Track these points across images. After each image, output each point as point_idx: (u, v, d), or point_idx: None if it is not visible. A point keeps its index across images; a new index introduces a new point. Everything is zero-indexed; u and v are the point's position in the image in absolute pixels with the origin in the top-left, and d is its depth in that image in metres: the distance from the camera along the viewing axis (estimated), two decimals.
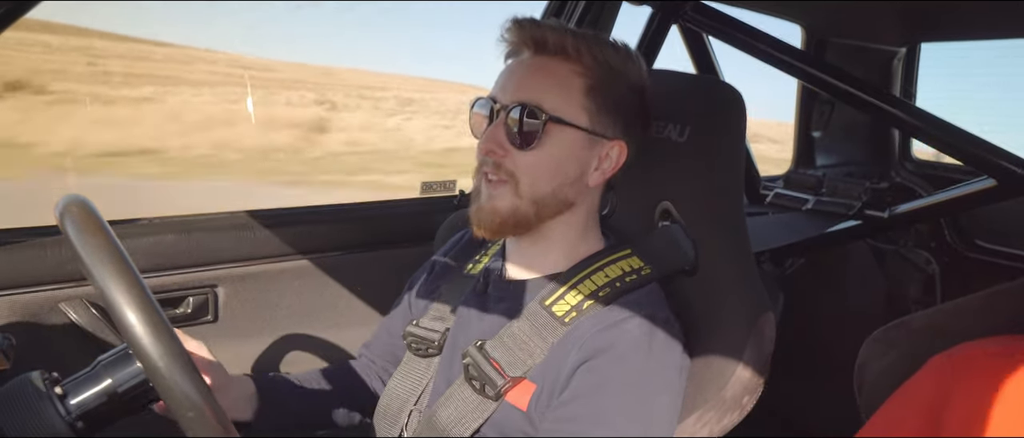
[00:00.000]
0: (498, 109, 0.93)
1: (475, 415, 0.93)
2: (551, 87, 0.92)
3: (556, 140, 0.91)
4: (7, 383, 0.72)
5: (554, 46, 0.92)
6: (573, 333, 0.90)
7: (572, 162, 0.93)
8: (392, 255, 1.63)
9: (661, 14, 1.74)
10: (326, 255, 1.55)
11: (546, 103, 0.90)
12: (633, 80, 0.96)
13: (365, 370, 1.19)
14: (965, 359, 0.75)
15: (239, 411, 1.02)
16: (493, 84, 0.97)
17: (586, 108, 0.92)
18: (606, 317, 0.90)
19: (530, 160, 0.92)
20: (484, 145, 0.93)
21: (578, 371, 0.87)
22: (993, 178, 1.51)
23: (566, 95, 0.92)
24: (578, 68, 0.92)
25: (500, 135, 0.92)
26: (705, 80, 1.69)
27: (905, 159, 2.61)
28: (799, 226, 1.98)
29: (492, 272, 1.04)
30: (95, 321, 1.26)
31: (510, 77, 0.95)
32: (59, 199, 0.71)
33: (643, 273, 0.96)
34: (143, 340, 0.61)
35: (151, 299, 0.63)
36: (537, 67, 0.93)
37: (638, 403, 0.86)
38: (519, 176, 0.92)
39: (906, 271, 2.31)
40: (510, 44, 0.96)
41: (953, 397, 0.72)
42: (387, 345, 1.19)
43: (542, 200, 0.93)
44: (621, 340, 0.87)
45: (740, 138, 1.05)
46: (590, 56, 0.92)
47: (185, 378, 0.62)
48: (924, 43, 2.47)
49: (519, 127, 0.90)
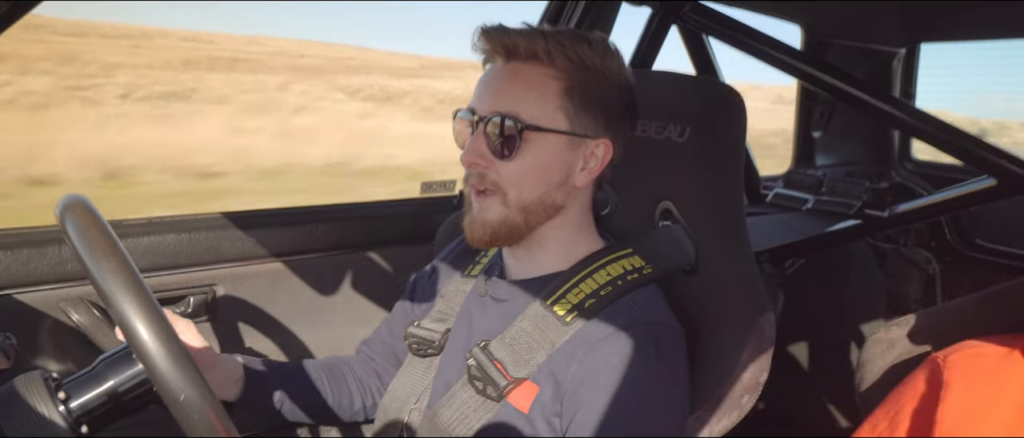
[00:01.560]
0: (477, 120, 0.92)
1: (476, 416, 0.93)
2: (526, 94, 0.90)
3: (537, 147, 0.91)
4: (7, 383, 0.72)
5: (526, 51, 0.91)
6: (576, 337, 0.90)
7: (556, 166, 0.93)
8: (392, 255, 1.63)
9: (661, 14, 1.74)
10: (326, 255, 1.55)
11: (522, 111, 0.90)
12: (612, 76, 0.94)
13: (362, 366, 1.19)
14: (960, 358, 0.75)
15: (225, 391, 1.02)
16: (473, 94, 0.97)
17: (564, 110, 0.91)
18: (608, 323, 0.90)
19: (513, 169, 0.91)
20: (466, 157, 0.93)
21: (585, 385, 0.87)
22: (993, 178, 1.51)
23: (542, 100, 0.91)
24: (552, 71, 0.91)
25: (481, 146, 0.91)
26: (705, 81, 1.68)
27: (905, 159, 2.61)
28: (799, 226, 1.98)
29: (492, 273, 1.05)
30: (95, 321, 1.26)
31: (486, 87, 0.94)
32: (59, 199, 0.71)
33: (644, 272, 0.96)
34: (144, 340, 0.61)
35: (151, 299, 0.63)
36: (511, 75, 0.92)
37: (650, 413, 0.86)
38: (504, 186, 0.92)
39: (906, 271, 2.31)
40: (483, 52, 0.95)
41: (947, 395, 0.72)
42: (386, 344, 1.19)
43: (530, 207, 0.93)
44: (626, 350, 0.87)
45: (740, 138, 1.05)
46: (563, 57, 0.91)
47: (186, 378, 0.62)
48: (924, 43, 2.47)
49: (498, 138, 0.90)
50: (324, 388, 1.12)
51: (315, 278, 1.53)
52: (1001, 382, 0.71)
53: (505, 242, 0.97)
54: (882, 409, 0.79)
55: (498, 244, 0.98)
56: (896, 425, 0.75)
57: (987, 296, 0.90)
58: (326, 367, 1.15)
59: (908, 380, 0.79)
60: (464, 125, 0.95)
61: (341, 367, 1.17)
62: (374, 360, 1.20)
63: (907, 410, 0.75)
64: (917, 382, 0.77)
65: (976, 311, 0.90)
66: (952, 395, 0.71)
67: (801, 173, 2.27)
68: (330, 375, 1.14)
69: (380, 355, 1.20)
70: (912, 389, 0.77)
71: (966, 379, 0.72)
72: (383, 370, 1.18)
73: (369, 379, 1.18)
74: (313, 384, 1.12)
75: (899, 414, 0.76)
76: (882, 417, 0.78)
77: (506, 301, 0.99)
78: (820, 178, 2.16)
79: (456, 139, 0.97)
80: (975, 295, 0.92)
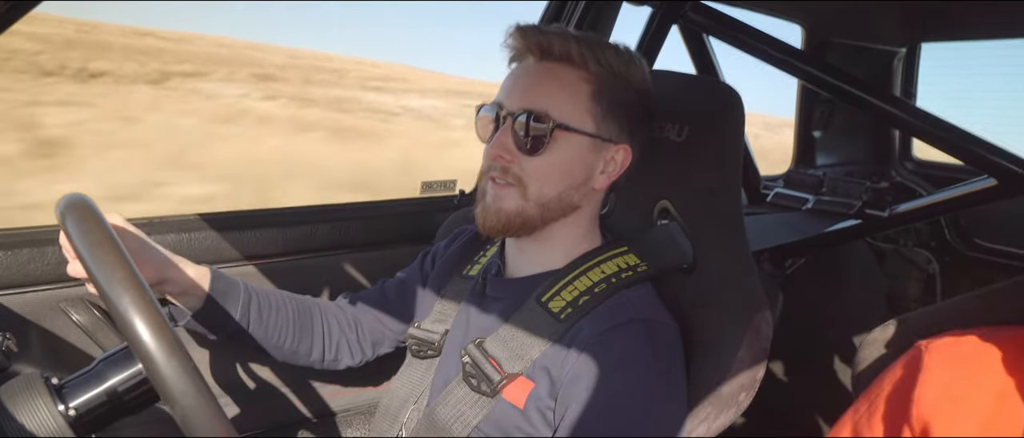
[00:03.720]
0: (504, 115, 0.94)
1: (473, 412, 0.93)
2: (557, 93, 0.92)
3: (563, 146, 0.93)
4: (7, 383, 0.72)
5: (560, 52, 0.93)
6: (570, 334, 0.91)
7: (578, 167, 0.95)
8: (392, 255, 1.63)
9: (661, 14, 1.74)
10: (326, 255, 1.56)
11: (553, 109, 0.91)
12: (637, 84, 0.97)
13: (334, 315, 1.16)
14: (941, 344, 0.76)
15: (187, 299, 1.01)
16: (499, 89, 0.98)
17: (592, 113, 0.93)
18: (603, 320, 0.90)
19: (537, 165, 0.93)
20: (492, 151, 0.94)
21: (580, 381, 0.87)
22: (993, 177, 1.51)
23: (573, 101, 0.93)
24: (583, 74, 0.93)
25: (508, 141, 0.93)
26: (703, 80, 1.69)
27: (905, 159, 2.61)
28: (799, 225, 1.98)
29: (490, 272, 1.05)
30: (95, 321, 1.26)
31: (516, 83, 0.95)
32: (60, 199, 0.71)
33: (639, 270, 0.97)
34: (143, 339, 0.61)
35: (152, 299, 0.63)
36: (543, 73, 0.94)
37: (644, 408, 0.86)
38: (527, 181, 0.93)
39: (906, 271, 2.31)
40: (514, 50, 0.97)
41: (924, 378, 0.72)
42: (372, 326, 1.17)
43: (548, 204, 0.94)
44: (621, 346, 0.87)
45: (738, 138, 1.05)
46: (595, 62, 0.93)
47: (186, 378, 0.62)
48: (924, 43, 2.47)
49: (526, 133, 0.91)
50: (288, 319, 1.10)
51: (315, 278, 1.53)
52: (981, 368, 0.71)
53: (517, 233, 0.97)
54: (865, 394, 0.80)
55: (510, 234, 0.99)
56: (875, 408, 0.76)
57: (986, 295, 0.90)
58: (295, 301, 1.13)
59: (891, 366, 0.79)
60: (487, 121, 0.96)
61: (310, 306, 1.15)
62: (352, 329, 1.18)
63: (885, 393, 0.76)
64: (897, 367, 0.78)
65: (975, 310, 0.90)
66: (928, 377, 0.72)
67: (801, 173, 2.27)
68: (297, 310, 1.12)
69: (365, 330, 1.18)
70: (892, 374, 0.78)
71: (944, 363, 0.73)
72: (357, 346, 1.17)
73: (335, 331, 1.15)
74: (278, 311, 1.09)
75: (878, 397, 0.76)
76: (863, 401, 0.79)
77: (502, 299, 1.00)
78: (820, 178, 2.16)
79: (479, 134, 0.99)
80: (974, 294, 0.92)
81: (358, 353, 1.18)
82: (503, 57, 1.00)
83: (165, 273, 0.98)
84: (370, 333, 1.17)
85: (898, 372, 0.77)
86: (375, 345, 1.19)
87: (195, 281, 1.01)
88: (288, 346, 1.10)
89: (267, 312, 1.08)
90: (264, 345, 1.09)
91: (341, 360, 1.16)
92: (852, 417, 0.79)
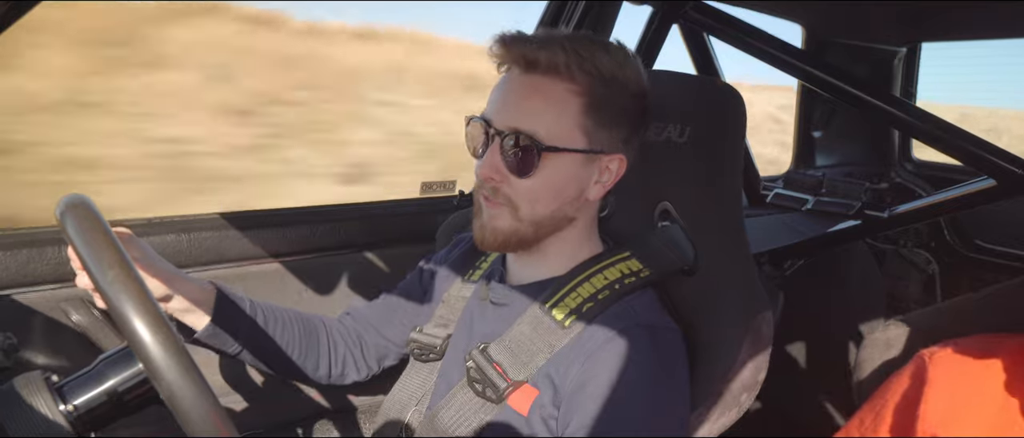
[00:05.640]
0: (493, 134, 0.90)
1: (476, 417, 0.93)
2: (545, 112, 0.88)
3: (554, 166, 0.89)
4: (8, 383, 0.72)
5: (546, 64, 0.88)
6: (575, 342, 0.90)
7: (571, 183, 0.92)
8: (392, 255, 1.63)
9: (661, 14, 1.74)
10: (326, 255, 1.55)
11: (541, 130, 0.87)
12: (632, 87, 0.93)
13: (339, 331, 1.16)
14: (944, 356, 0.76)
15: (192, 316, 0.97)
16: (487, 99, 0.94)
17: (583, 128, 0.90)
18: (607, 327, 0.89)
19: (529, 186, 0.90)
20: (482, 171, 0.91)
21: (584, 389, 0.86)
22: (993, 178, 1.51)
23: (561, 118, 0.88)
24: (572, 86, 0.88)
25: (497, 161, 0.90)
26: (705, 81, 1.68)
27: (905, 159, 2.61)
28: (799, 226, 1.98)
29: (493, 277, 1.05)
30: (95, 321, 1.26)
31: (503, 98, 0.91)
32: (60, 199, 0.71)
33: (642, 275, 0.96)
34: (144, 339, 0.61)
35: (152, 298, 0.63)
36: (530, 89, 0.89)
37: (650, 416, 0.86)
38: (518, 202, 0.91)
39: (906, 271, 2.31)
40: (499, 60, 0.92)
41: (930, 393, 0.72)
42: (376, 342, 1.17)
43: (541, 222, 0.93)
44: (625, 354, 0.87)
45: (740, 139, 1.05)
46: (583, 72, 0.88)
47: (186, 378, 0.62)
48: (924, 43, 2.47)
49: (515, 156, 0.88)
50: (293, 335, 1.08)
51: (315, 278, 1.53)
52: (984, 381, 0.71)
53: (514, 249, 0.97)
54: (869, 404, 0.80)
55: (507, 250, 0.98)
56: (880, 420, 0.76)
57: (985, 296, 0.90)
58: (301, 318, 1.12)
59: (895, 376, 0.79)
60: (478, 130, 0.93)
61: (316, 324, 1.13)
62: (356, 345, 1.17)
63: (891, 405, 0.76)
64: (903, 378, 0.78)
65: (974, 311, 0.90)
66: (935, 393, 0.72)
67: (801, 174, 2.27)
68: (304, 328, 1.10)
69: (357, 331, 1.17)
70: (897, 385, 0.78)
71: (949, 377, 0.73)
72: (361, 361, 1.17)
73: (341, 347, 1.14)
74: (284, 328, 1.08)
75: (883, 409, 0.77)
76: (868, 412, 0.79)
77: (505, 305, 0.99)
78: (820, 179, 2.15)
79: (468, 144, 0.95)
80: (973, 295, 0.92)
81: (364, 369, 1.17)
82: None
83: (171, 286, 0.94)
84: (375, 349, 1.17)
85: (903, 383, 0.77)
86: (380, 360, 1.18)
87: (201, 297, 0.98)
88: (295, 361, 1.09)
89: (274, 327, 1.06)
90: (270, 362, 1.07)
91: (347, 375, 1.15)
92: (857, 428, 0.79)
